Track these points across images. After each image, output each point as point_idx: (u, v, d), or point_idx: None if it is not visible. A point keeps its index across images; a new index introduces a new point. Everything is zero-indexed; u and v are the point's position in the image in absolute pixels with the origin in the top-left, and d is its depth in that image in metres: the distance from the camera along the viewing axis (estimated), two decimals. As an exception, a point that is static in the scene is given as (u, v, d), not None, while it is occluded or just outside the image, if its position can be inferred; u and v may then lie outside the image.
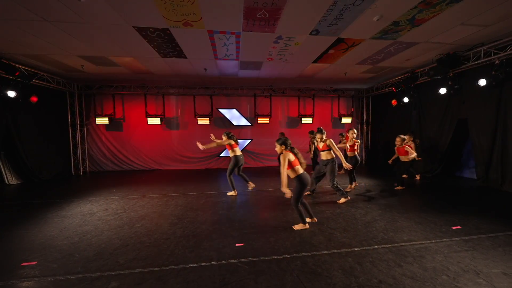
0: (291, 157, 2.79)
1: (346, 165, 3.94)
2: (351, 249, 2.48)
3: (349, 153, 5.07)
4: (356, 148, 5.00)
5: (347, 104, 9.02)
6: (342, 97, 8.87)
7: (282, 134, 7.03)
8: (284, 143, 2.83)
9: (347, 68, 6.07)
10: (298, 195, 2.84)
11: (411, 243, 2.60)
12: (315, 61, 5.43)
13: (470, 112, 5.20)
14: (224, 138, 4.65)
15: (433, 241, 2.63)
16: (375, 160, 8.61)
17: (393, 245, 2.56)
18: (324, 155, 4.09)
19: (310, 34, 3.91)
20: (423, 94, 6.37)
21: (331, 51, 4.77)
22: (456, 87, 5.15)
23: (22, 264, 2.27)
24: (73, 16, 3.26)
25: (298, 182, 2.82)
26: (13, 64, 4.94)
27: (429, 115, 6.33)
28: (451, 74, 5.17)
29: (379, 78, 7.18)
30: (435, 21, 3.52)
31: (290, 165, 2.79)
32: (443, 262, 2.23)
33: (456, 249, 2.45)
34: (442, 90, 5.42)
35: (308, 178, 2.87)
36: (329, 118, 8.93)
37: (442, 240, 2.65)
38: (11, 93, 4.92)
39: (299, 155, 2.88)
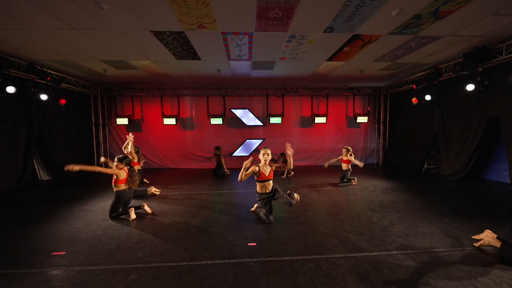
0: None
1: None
2: (368, 254, 2.38)
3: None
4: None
5: (363, 103, 8.69)
6: (357, 96, 8.56)
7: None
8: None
9: (363, 66, 5.84)
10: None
11: (434, 250, 2.44)
12: (329, 59, 5.29)
13: (502, 110, 4.76)
14: (118, 165, 3.37)
15: (459, 249, 2.45)
16: (393, 161, 8.21)
17: (413, 251, 2.42)
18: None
19: (324, 31, 3.82)
20: (448, 91, 5.95)
21: (346, 49, 4.63)
22: (486, 83, 4.75)
23: (53, 253, 2.47)
24: (96, 23, 3.48)
25: None
26: (45, 69, 5.38)
27: (454, 113, 5.90)
28: (480, 69, 4.77)
29: (398, 75, 6.83)
30: (462, 13, 3.27)
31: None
32: (470, 272, 2.07)
33: (486, 259, 2.26)
34: (470, 87, 5.03)
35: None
36: (344, 118, 8.66)
37: (469, 248, 2.46)
38: (43, 97, 5.36)
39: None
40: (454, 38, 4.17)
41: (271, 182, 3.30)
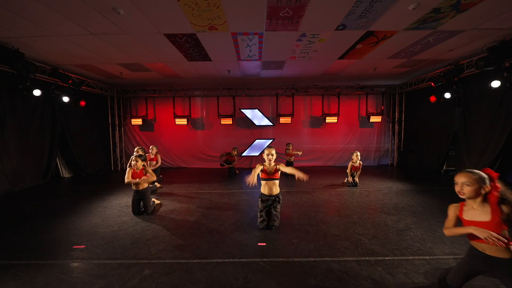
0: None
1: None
2: (382, 258, 2.30)
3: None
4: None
5: (377, 102, 8.40)
6: (370, 95, 8.29)
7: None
8: None
9: (377, 63, 5.65)
10: None
11: (455, 257, 2.31)
12: (341, 57, 5.17)
13: (532, 108, 4.42)
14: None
15: (482, 256, 2.30)
16: (408, 162, 7.86)
17: (431, 257, 2.31)
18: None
19: (336, 29, 3.74)
20: (470, 89, 5.60)
21: (359, 46, 4.49)
22: (513, 79, 4.41)
23: (74, 246, 2.62)
24: (113, 28, 3.63)
25: None
26: (67, 73, 5.72)
27: (477, 112, 5.54)
28: (507, 64, 4.45)
29: (414, 72, 6.53)
30: (486, 4, 3.06)
31: None
32: (496, 281, 1.93)
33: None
34: (495, 83, 4.69)
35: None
36: (356, 117, 8.42)
37: (494, 256, 2.30)
38: (65, 98, 5.70)
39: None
40: (478, 32, 3.92)
41: (276, 182, 2.90)
